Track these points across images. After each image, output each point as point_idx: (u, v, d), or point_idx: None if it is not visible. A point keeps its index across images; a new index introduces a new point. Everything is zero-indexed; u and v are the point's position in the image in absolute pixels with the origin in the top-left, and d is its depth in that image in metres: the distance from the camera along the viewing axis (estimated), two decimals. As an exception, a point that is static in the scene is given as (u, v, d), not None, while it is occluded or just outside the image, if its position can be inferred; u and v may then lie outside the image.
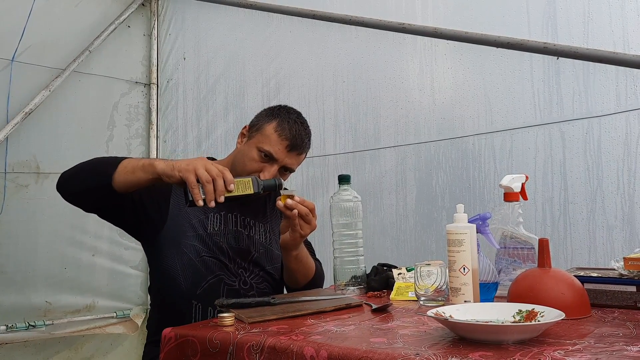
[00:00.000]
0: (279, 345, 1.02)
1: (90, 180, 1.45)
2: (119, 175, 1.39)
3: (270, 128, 1.61)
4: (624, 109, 1.83)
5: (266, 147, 1.59)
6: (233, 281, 1.60)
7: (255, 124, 1.66)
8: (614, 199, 1.83)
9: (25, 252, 2.62)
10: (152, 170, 1.37)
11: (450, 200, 2.18)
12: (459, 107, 2.19)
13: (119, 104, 3.04)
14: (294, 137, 1.60)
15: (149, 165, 1.37)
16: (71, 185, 1.48)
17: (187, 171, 1.32)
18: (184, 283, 1.57)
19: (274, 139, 1.59)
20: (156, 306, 1.69)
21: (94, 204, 1.50)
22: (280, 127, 1.60)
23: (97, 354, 2.86)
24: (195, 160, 1.35)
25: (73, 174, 1.48)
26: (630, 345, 0.90)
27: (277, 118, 1.62)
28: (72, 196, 1.49)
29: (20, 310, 2.59)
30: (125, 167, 1.40)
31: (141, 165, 1.38)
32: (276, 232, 1.74)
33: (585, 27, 1.89)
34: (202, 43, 3.04)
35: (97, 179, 1.43)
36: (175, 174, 1.33)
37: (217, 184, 1.33)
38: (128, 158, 1.44)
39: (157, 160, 1.38)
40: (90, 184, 1.44)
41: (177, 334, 1.18)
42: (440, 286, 1.32)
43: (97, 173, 1.44)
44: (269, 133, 1.60)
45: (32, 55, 2.65)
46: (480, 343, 0.94)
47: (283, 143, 1.59)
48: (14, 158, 2.61)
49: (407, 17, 2.26)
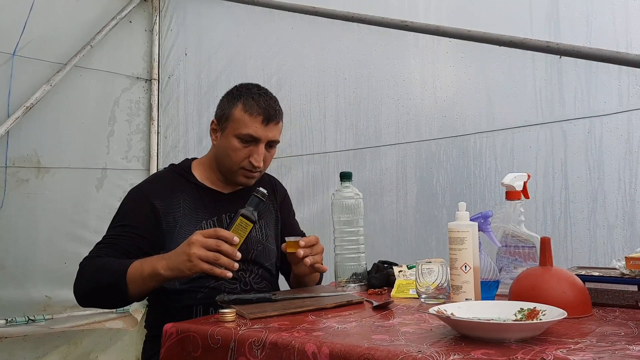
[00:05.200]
0: (281, 342, 1.02)
1: (108, 301, 1.51)
2: (133, 291, 1.40)
3: (238, 111, 1.56)
4: (626, 108, 1.83)
5: (243, 131, 1.55)
6: (234, 283, 1.58)
7: (222, 114, 1.61)
8: (615, 199, 1.83)
9: (26, 247, 2.62)
10: (161, 278, 1.37)
11: (451, 198, 2.18)
12: (461, 105, 2.19)
13: (120, 99, 3.03)
14: (265, 110, 1.55)
15: (156, 274, 1.36)
16: (90, 304, 1.55)
17: (194, 265, 1.30)
18: (185, 287, 1.55)
19: (247, 119, 1.55)
20: (155, 307, 1.65)
21: None
22: (248, 106, 1.56)
23: (97, 348, 2.86)
24: (187, 246, 1.31)
25: (88, 294, 1.48)
26: (632, 344, 0.91)
27: (240, 99, 1.58)
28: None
29: (20, 304, 2.59)
30: (134, 282, 1.39)
31: (147, 275, 1.37)
32: (270, 227, 1.73)
33: (588, 26, 1.89)
34: (204, 39, 3.04)
35: (115, 300, 1.47)
36: (187, 273, 1.33)
37: (224, 251, 1.30)
38: (127, 266, 1.40)
39: (157, 263, 1.36)
40: (110, 303, 1.56)
41: (178, 330, 1.18)
42: (441, 284, 1.32)
43: (112, 293, 1.43)
44: (240, 116, 1.56)
45: (33, 49, 2.65)
46: (482, 341, 0.94)
47: (257, 119, 1.55)
48: (15, 152, 2.61)
49: (410, 15, 2.26)
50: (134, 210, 1.56)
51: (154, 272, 1.36)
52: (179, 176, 1.66)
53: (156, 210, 1.55)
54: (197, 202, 1.61)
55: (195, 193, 1.63)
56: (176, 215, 1.57)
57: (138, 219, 1.54)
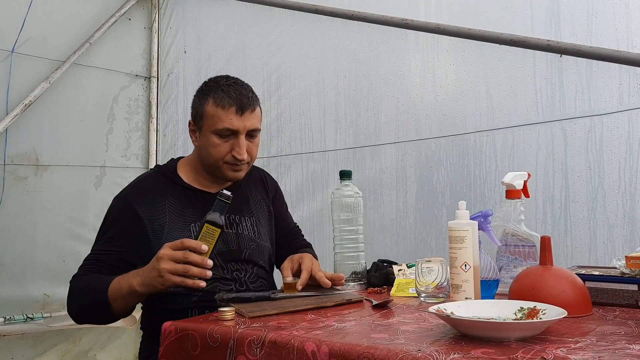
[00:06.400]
0: (280, 340, 1.02)
1: (97, 318, 1.53)
2: (116, 308, 1.41)
3: (210, 107, 1.53)
4: (626, 107, 1.83)
5: (219, 126, 1.51)
6: (229, 284, 1.56)
7: (196, 113, 1.59)
8: (615, 198, 1.83)
9: (24, 245, 2.61)
10: (138, 294, 1.36)
11: (451, 197, 2.18)
12: (461, 103, 2.18)
13: (119, 97, 3.02)
14: (237, 100, 1.52)
15: (132, 291, 1.35)
16: (84, 322, 1.56)
17: (165, 280, 1.29)
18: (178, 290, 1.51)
19: (221, 113, 1.51)
20: (149, 310, 1.62)
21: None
22: (219, 99, 1.52)
23: (95, 347, 2.85)
24: (156, 262, 1.30)
25: (79, 313, 1.50)
26: (633, 343, 0.90)
27: (210, 94, 1.55)
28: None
29: (18, 302, 2.58)
30: (116, 300, 1.39)
31: (126, 293, 1.37)
32: (263, 224, 1.69)
33: (589, 25, 1.89)
34: (203, 37, 3.03)
35: (102, 317, 1.48)
36: (161, 288, 1.32)
37: (193, 261, 1.28)
38: (107, 284, 1.39)
39: (133, 280, 1.35)
40: (100, 320, 1.55)
41: (177, 328, 1.18)
42: (440, 283, 1.32)
43: (98, 312, 1.45)
44: (213, 112, 1.52)
45: (32, 46, 2.64)
46: (482, 340, 0.94)
47: (231, 111, 1.51)
48: (13, 150, 2.60)
49: (410, 13, 2.25)
50: (117, 220, 1.54)
51: (131, 289, 1.35)
52: (164, 178, 1.62)
53: (140, 218, 1.52)
54: (184, 204, 1.58)
55: (181, 195, 1.59)
56: (161, 221, 1.54)
57: (121, 231, 1.52)
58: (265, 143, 2.67)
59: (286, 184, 2.61)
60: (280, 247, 1.76)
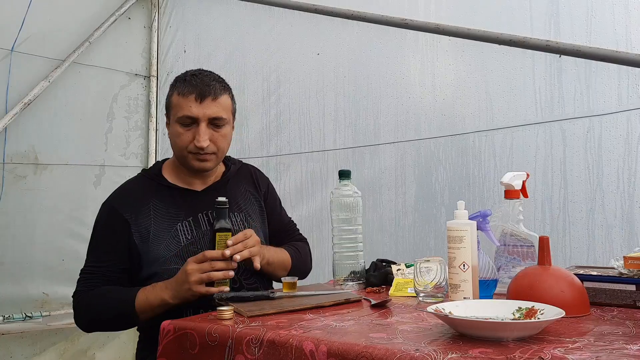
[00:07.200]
0: (278, 340, 1.02)
1: (116, 327, 1.62)
2: (143, 318, 1.48)
3: (174, 98, 1.56)
4: (625, 108, 1.83)
5: (179, 114, 1.53)
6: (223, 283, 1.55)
7: (166, 107, 1.63)
8: (614, 198, 1.83)
9: (23, 243, 2.61)
10: (171, 306, 1.44)
11: (450, 197, 2.18)
12: (460, 104, 2.19)
13: (118, 96, 3.02)
14: (196, 87, 1.53)
15: (165, 304, 1.44)
16: (95, 330, 1.65)
17: (194, 293, 1.39)
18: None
19: (181, 101, 1.53)
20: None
21: None
22: (180, 89, 1.55)
23: (94, 346, 2.85)
24: (185, 276, 1.40)
25: (92, 323, 1.56)
26: (630, 344, 0.90)
27: (175, 86, 1.58)
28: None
29: (17, 301, 2.58)
30: (144, 312, 1.46)
31: (157, 306, 1.45)
32: (254, 218, 1.68)
33: (588, 26, 1.89)
34: (203, 36, 3.03)
35: (124, 326, 1.58)
36: (190, 298, 1.41)
37: (218, 269, 1.39)
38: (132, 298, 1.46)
39: (164, 294, 1.43)
40: (118, 329, 1.63)
41: (175, 327, 1.18)
42: (439, 282, 1.32)
43: (120, 322, 1.54)
44: (176, 101, 1.55)
45: (32, 45, 2.64)
46: (480, 340, 0.94)
47: (190, 98, 1.52)
48: (13, 149, 2.60)
49: (409, 13, 2.25)
50: (106, 228, 1.57)
51: (163, 302, 1.44)
52: (150, 181, 1.62)
53: (127, 222, 1.54)
54: (169, 204, 1.58)
55: (166, 195, 1.59)
56: (147, 224, 1.54)
57: (110, 239, 1.55)
58: (264, 142, 2.67)
59: (285, 184, 2.61)
60: (275, 242, 1.75)
